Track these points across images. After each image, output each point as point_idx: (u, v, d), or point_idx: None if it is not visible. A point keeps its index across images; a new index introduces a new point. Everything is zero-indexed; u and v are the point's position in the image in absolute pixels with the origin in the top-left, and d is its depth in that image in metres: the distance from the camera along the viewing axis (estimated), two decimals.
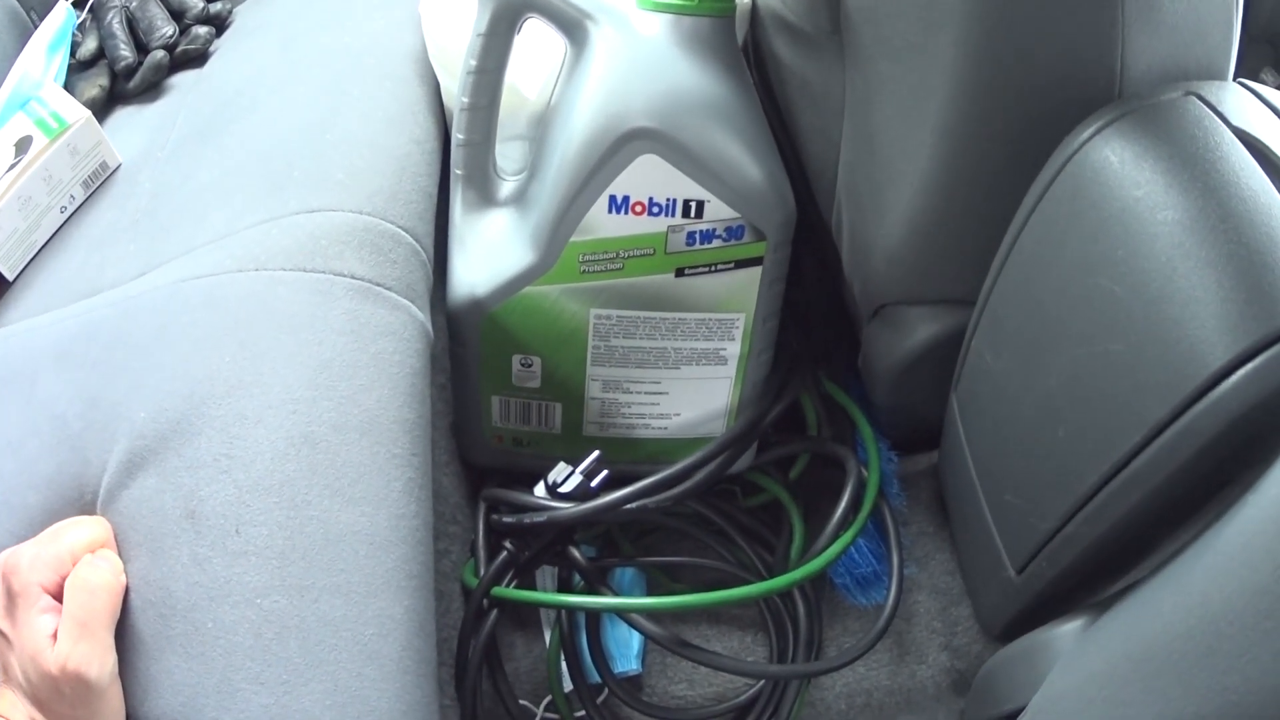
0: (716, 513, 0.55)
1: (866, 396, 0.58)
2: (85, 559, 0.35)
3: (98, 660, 0.33)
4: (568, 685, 0.53)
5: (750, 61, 0.59)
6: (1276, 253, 0.31)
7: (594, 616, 0.53)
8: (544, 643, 0.54)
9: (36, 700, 0.33)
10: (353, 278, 0.43)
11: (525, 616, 0.56)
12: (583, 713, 0.53)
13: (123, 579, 0.35)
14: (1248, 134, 0.35)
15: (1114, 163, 0.36)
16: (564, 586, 0.54)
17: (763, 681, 0.54)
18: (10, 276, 0.55)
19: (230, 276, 0.43)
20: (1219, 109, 0.36)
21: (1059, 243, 0.39)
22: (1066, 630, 0.43)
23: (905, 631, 0.58)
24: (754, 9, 0.55)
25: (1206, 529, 0.33)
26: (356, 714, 0.33)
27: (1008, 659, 0.48)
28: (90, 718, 0.33)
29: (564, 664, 0.53)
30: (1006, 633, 0.51)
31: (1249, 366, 0.30)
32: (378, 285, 0.44)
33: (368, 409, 0.39)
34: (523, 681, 0.54)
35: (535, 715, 0.53)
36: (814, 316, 0.59)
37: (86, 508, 0.38)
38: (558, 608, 0.51)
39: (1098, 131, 0.37)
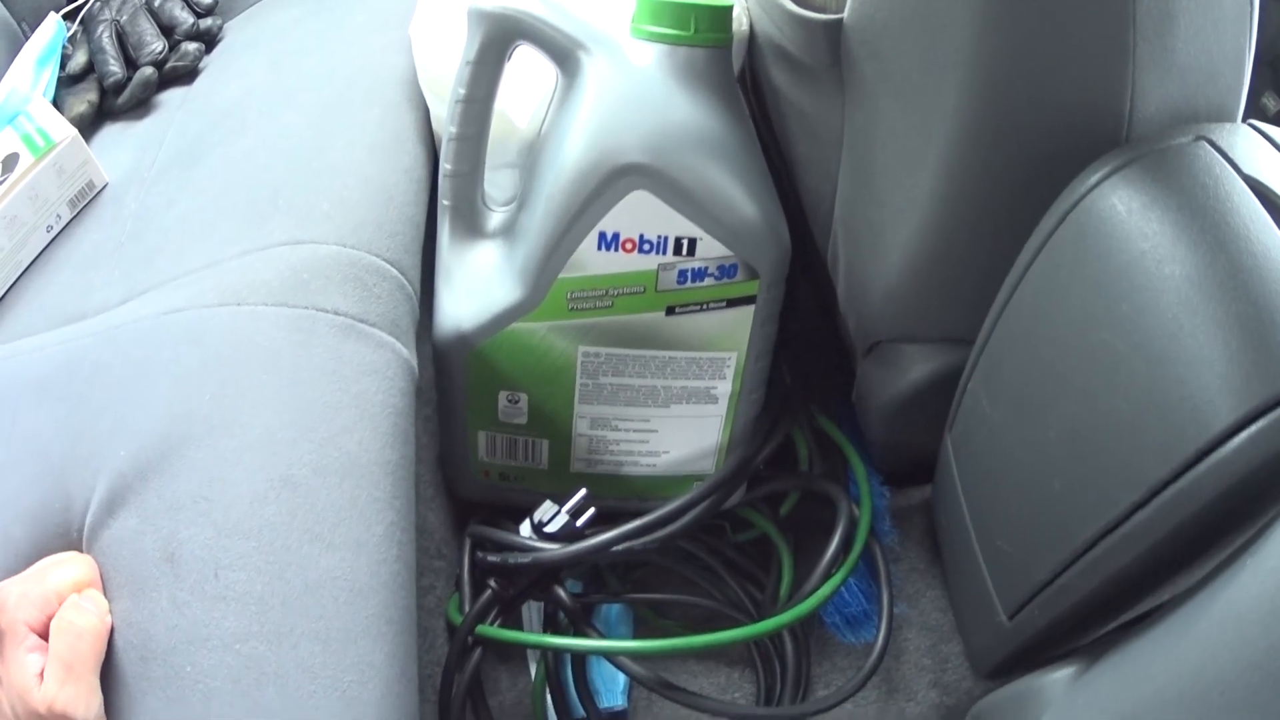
0: (705, 550, 0.54)
1: (860, 430, 0.57)
2: (71, 600, 0.35)
3: (84, 702, 0.33)
4: None
5: (747, 89, 0.58)
6: None
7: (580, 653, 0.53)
8: (529, 677, 0.54)
9: None
10: (336, 313, 0.42)
11: (510, 650, 0.55)
12: None
13: (108, 621, 0.35)
14: (1258, 182, 0.34)
15: (1121, 211, 0.35)
16: (550, 620, 0.53)
17: None
18: None
19: (212, 311, 0.42)
20: (1229, 154, 0.35)
21: (1062, 292, 0.39)
22: (1057, 678, 0.42)
23: (894, 669, 0.57)
24: (751, 37, 0.54)
25: (1201, 587, 0.32)
26: None
27: (996, 705, 0.48)
28: None
29: (549, 699, 0.52)
30: (996, 672, 0.51)
31: (1253, 428, 0.30)
32: (361, 322, 0.43)
33: (349, 451, 0.39)
34: (507, 716, 0.53)
35: None
36: (808, 349, 0.59)
37: (73, 543, 0.38)
38: (539, 648, 0.50)
39: (1105, 178, 0.36)
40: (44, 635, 0.34)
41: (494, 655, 0.54)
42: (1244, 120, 0.38)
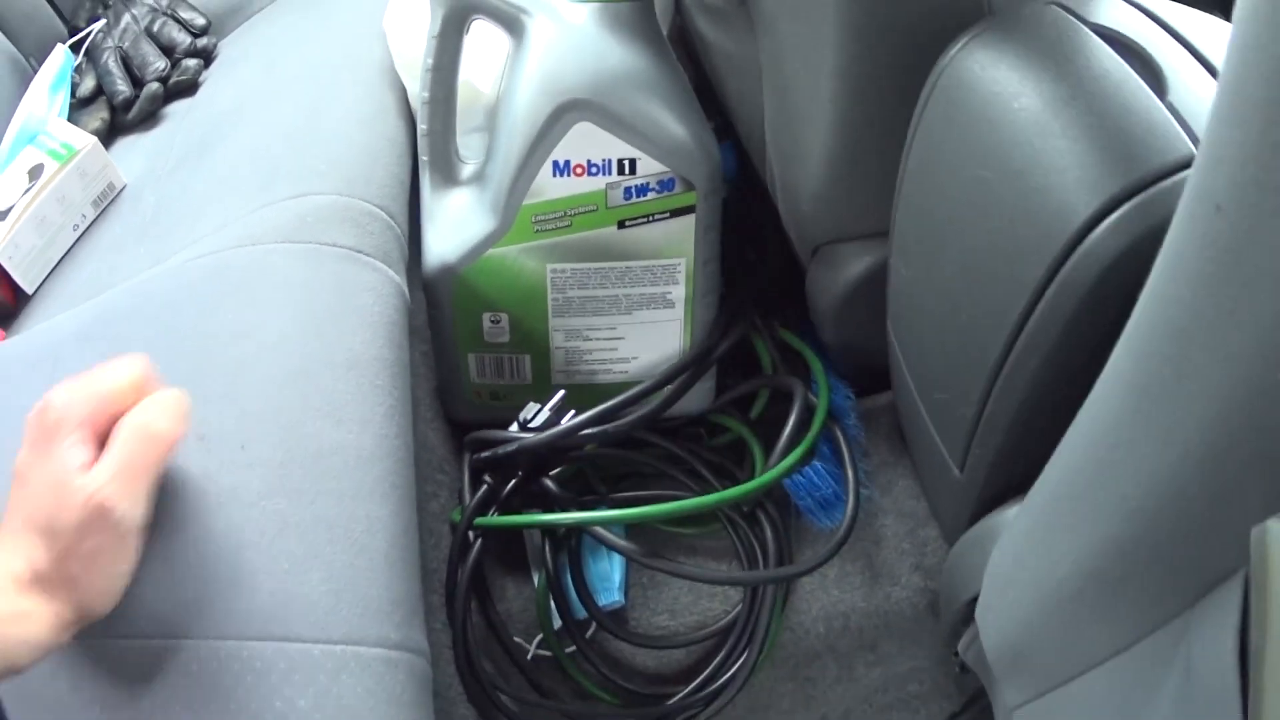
0: (684, 450, 0.59)
1: (822, 345, 0.63)
2: (153, 400, 0.34)
3: (130, 500, 0.32)
4: (558, 623, 0.57)
5: (683, 47, 0.66)
6: (1129, 119, 0.34)
7: (576, 555, 0.57)
8: (533, 586, 0.58)
9: (47, 536, 0.31)
10: (337, 246, 0.49)
11: (514, 562, 0.60)
12: (573, 647, 0.57)
13: (180, 430, 0.34)
14: (1104, 27, 0.38)
15: (975, 69, 0.40)
16: (549, 536, 0.58)
17: (740, 606, 0.57)
18: (30, 290, 0.60)
19: (230, 252, 0.49)
20: (1077, 11, 0.39)
21: (938, 150, 0.43)
22: (1009, 512, 0.45)
23: (875, 554, 0.61)
24: None
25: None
26: (350, 599, 0.38)
27: (961, 550, 0.51)
28: (98, 567, 0.32)
29: (552, 604, 0.57)
30: None
31: (1112, 217, 0.33)
32: (359, 252, 0.50)
33: (352, 349, 0.45)
34: (515, 622, 0.58)
35: (529, 651, 0.57)
36: (769, 271, 0.64)
37: None
38: (536, 527, 0.55)
39: (964, 46, 0.41)
40: (96, 436, 0.33)
41: (499, 566, 0.59)
42: None
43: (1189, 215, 0.24)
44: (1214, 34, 0.38)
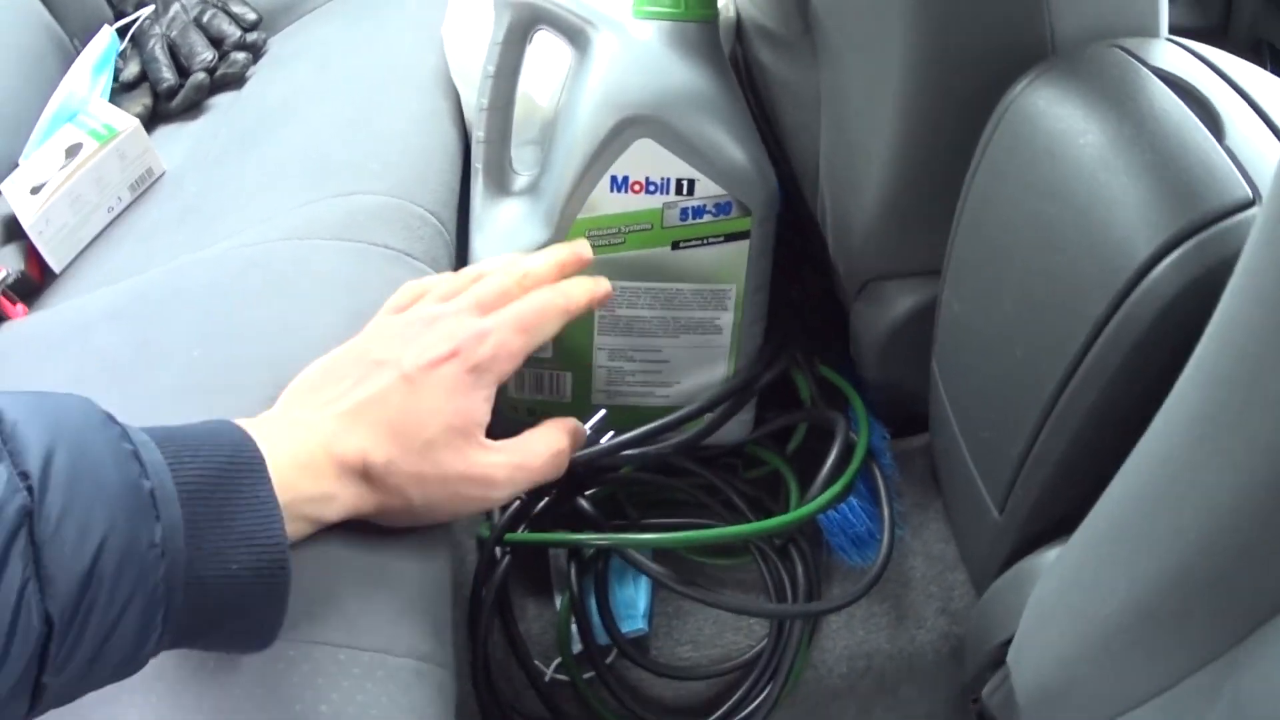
0: (720, 479, 0.58)
1: (861, 382, 0.62)
2: (579, 281, 0.39)
3: (518, 347, 0.36)
4: (578, 647, 0.55)
5: (740, 73, 0.66)
6: (1189, 160, 0.35)
7: (602, 579, 0.56)
8: (555, 608, 0.57)
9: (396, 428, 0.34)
10: (386, 247, 0.48)
11: (538, 583, 0.58)
12: (591, 674, 0.55)
13: (595, 301, 0.39)
14: (1166, 72, 0.38)
15: (1040, 105, 0.40)
16: (574, 557, 0.56)
17: (765, 640, 0.56)
18: (58, 269, 0.59)
19: (276, 244, 0.48)
20: (1140, 55, 0.40)
21: (1000, 184, 0.43)
22: (1049, 554, 0.45)
23: (903, 596, 0.60)
24: (738, 22, 0.62)
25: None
26: (380, 606, 0.36)
27: (996, 591, 0.51)
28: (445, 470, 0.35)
29: (574, 626, 0.55)
30: None
31: (1173, 255, 0.34)
32: (408, 255, 0.49)
33: None
34: (535, 644, 0.56)
35: (545, 675, 0.55)
36: (809, 306, 0.64)
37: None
38: (564, 545, 0.54)
39: (1028, 84, 0.42)
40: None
41: (522, 587, 0.58)
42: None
43: (1265, 239, 0.24)
44: (1266, 85, 0.39)
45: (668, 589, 0.52)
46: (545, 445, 0.37)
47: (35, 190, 0.59)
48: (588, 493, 0.54)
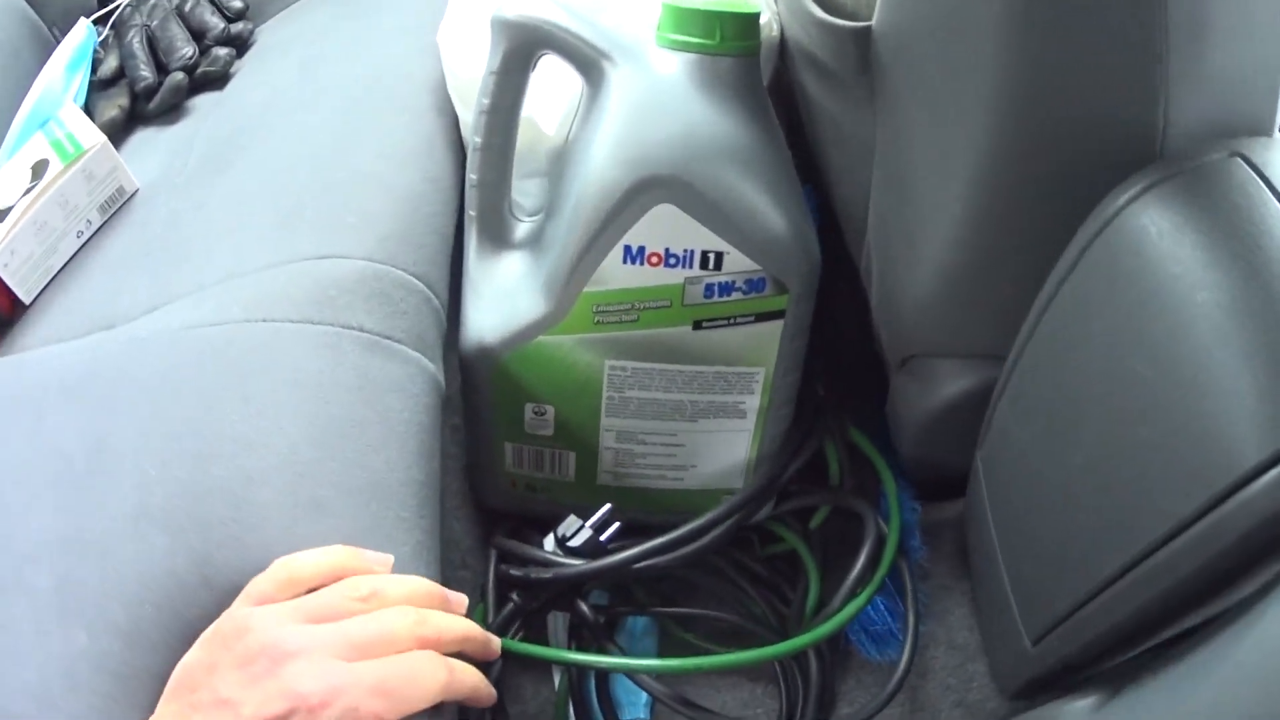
0: (732, 564, 0.53)
1: (892, 444, 0.56)
2: (464, 667, 0.33)
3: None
4: None
5: (779, 94, 0.57)
6: None
7: None
8: (552, 686, 0.54)
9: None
10: (361, 330, 0.42)
11: (534, 659, 0.55)
12: None
13: (446, 696, 0.33)
14: None
15: (1152, 232, 0.34)
16: (575, 631, 0.53)
17: None
18: (27, 300, 0.55)
19: (237, 326, 0.42)
20: (1264, 172, 0.34)
21: (1092, 315, 0.37)
22: (1078, 707, 0.41)
23: (920, 687, 0.56)
24: (782, 42, 0.53)
25: (1223, 628, 0.31)
26: None
27: None
28: None
29: (571, 711, 0.52)
30: (1020, 694, 0.50)
31: None
32: (387, 338, 0.43)
33: (376, 470, 0.39)
34: None
35: None
36: (842, 359, 0.57)
37: (88, 550, 0.37)
38: (563, 664, 0.50)
39: (1136, 197, 0.35)
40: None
41: (517, 664, 0.54)
42: None
43: None
44: None
45: (671, 709, 0.48)
46: None
47: (0, 216, 0.54)
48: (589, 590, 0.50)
